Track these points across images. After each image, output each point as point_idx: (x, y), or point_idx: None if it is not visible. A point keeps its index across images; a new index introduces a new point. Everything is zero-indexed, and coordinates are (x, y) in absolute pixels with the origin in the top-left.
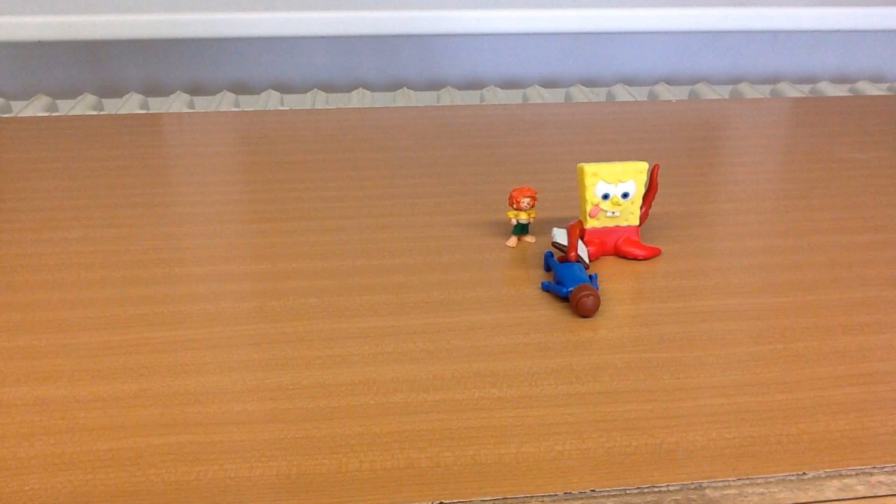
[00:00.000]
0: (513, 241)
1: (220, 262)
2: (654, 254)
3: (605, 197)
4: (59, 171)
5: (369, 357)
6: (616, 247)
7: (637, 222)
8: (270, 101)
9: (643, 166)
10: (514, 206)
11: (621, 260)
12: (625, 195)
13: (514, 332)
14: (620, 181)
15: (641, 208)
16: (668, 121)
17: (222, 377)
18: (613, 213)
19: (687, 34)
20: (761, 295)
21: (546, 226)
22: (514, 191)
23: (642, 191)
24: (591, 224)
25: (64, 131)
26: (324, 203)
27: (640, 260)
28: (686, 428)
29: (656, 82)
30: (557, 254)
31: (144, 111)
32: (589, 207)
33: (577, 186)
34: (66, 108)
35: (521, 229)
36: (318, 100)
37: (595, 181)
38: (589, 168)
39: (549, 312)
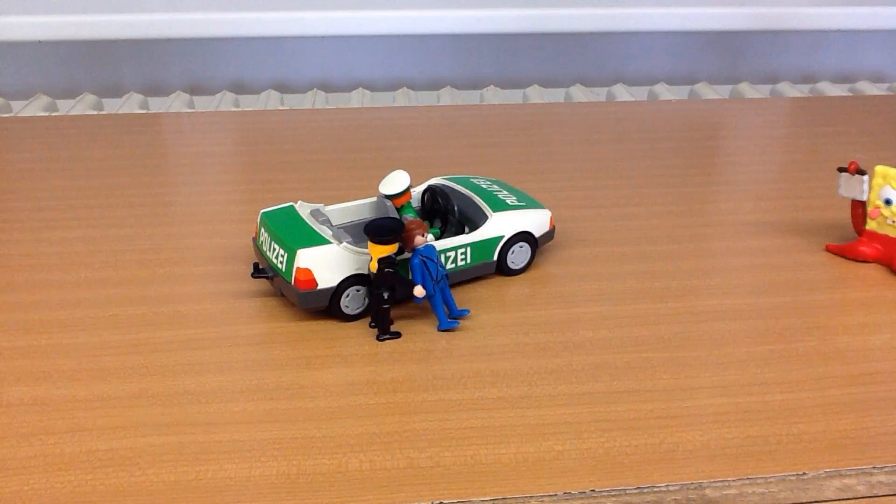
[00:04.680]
0: None
1: (220, 262)
2: None
3: (888, 203)
4: (59, 171)
5: (369, 357)
6: (892, 258)
7: None
8: (270, 101)
9: None
10: None
11: (619, 260)
12: (888, 202)
13: (514, 332)
14: None
15: None
16: (668, 121)
17: (222, 377)
18: (892, 221)
19: (687, 34)
20: (761, 295)
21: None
22: None
23: None
24: (870, 226)
25: (64, 131)
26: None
27: None
28: (686, 428)
29: (656, 82)
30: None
31: (144, 111)
32: (870, 208)
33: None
34: (66, 107)
35: None
36: (318, 100)
37: (882, 184)
38: (879, 170)
39: (549, 312)
